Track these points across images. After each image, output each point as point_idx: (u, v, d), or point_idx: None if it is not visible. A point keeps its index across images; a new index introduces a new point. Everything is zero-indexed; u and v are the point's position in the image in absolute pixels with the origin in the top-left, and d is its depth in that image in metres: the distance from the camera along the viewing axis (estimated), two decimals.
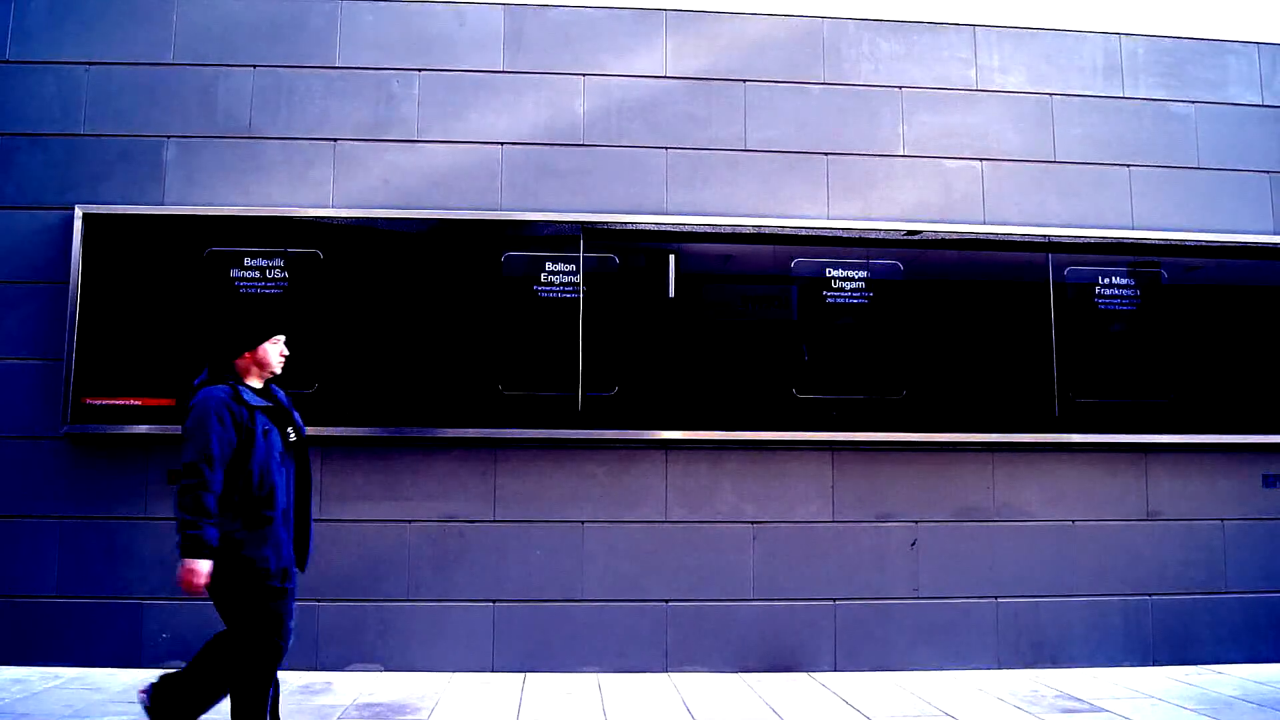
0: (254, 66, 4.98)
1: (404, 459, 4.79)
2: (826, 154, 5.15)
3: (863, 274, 5.01)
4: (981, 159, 5.23)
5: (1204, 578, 5.05)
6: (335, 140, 4.96)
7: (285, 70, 4.99)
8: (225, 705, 3.13)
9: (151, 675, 4.44)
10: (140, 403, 4.66)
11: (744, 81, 5.17)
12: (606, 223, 4.91)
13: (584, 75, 5.11)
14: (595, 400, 4.81)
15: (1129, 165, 5.29)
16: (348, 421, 4.69)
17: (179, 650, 4.62)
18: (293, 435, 3.18)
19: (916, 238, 5.05)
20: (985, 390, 4.99)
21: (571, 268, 4.88)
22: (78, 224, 4.70)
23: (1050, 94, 5.31)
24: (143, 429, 4.63)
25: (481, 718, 3.93)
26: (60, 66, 4.92)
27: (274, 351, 3.18)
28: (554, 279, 4.87)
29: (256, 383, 3.16)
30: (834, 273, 5.01)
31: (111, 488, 4.71)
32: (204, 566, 2.88)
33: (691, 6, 5.21)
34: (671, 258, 4.94)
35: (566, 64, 5.11)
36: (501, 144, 5.03)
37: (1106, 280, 5.14)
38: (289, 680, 4.44)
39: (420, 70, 5.05)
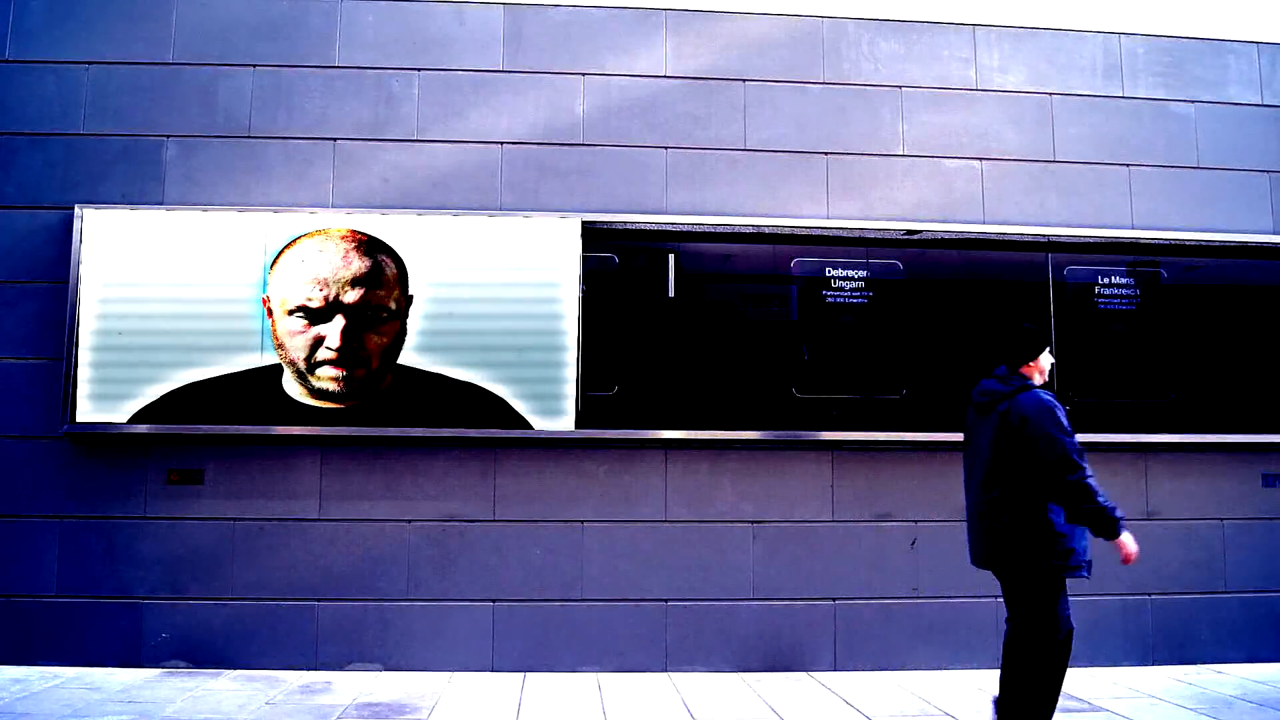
0: (253, 66, 4.98)
1: (403, 459, 4.80)
2: (826, 154, 5.15)
3: (862, 273, 5.01)
4: (981, 159, 5.22)
5: (1203, 577, 5.04)
6: (335, 140, 4.96)
7: (285, 70, 4.99)
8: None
9: (150, 674, 4.46)
10: (140, 402, 4.65)
11: (744, 81, 5.17)
12: (606, 222, 4.91)
13: (584, 75, 5.10)
14: (595, 400, 4.81)
15: (1129, 165, 5.28)
16: (348, 421, 4.69)
17: (178, 650, 4.63)
18: None
19: (916, 237, 5.05)
20: None
21: None
22: (78, 223, 4.69)
23: (1050, 94, 5.31)
24: (142, 428, 4.63)
25: (481, 717, 3.93)
26: (60, 66, 4.92)
27: (1048, 360, 3.52)
28: None
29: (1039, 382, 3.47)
30: (833, 272, 5.01)
31: (111, 487, 4.71)
32: (1128, 539, 3.22)
33: (691, 6, 5.20)
34: (671, 257, 4.94)
35: (566, 64, 5.11)
36: (501, 144, 5.02)
37: (1106, 280, 5.14)
38: (289, 679, 4.45)
39: (420, 70, 5.04)
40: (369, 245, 4.73)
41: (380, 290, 4.70)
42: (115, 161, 4.87)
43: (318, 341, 4.64)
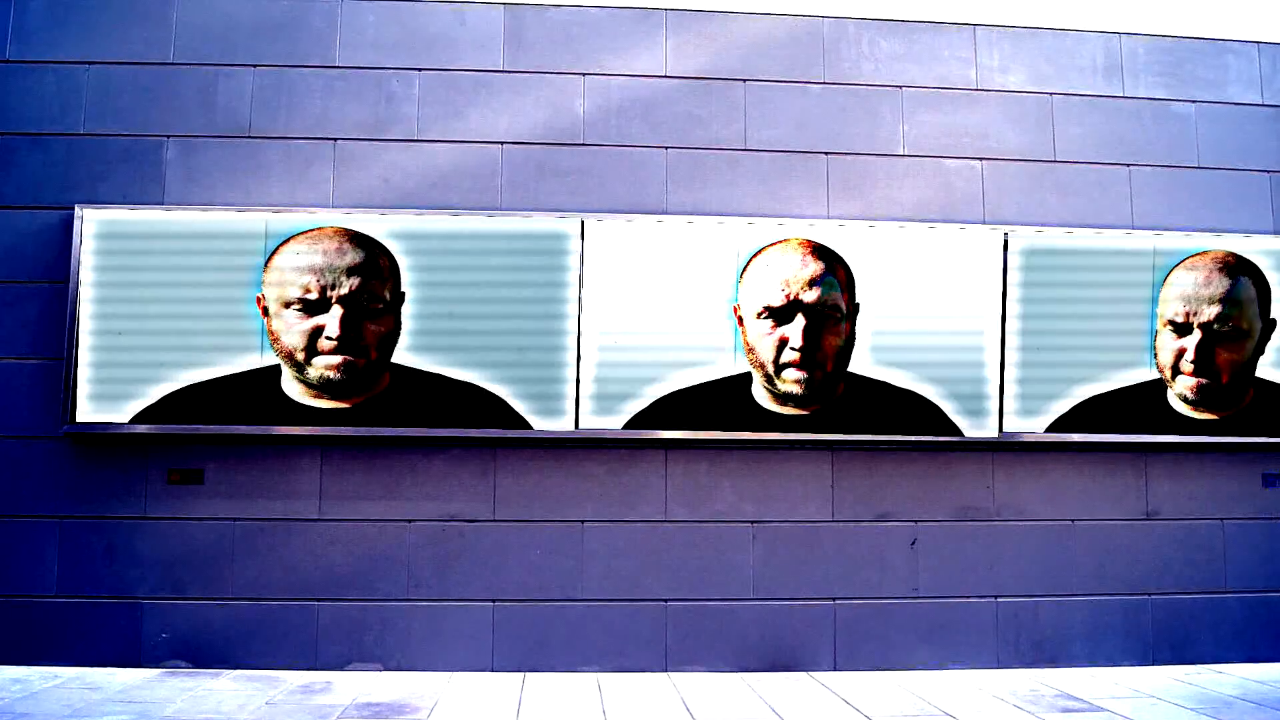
0: (254, 66, 4.98)
1: (404, 458, 4.80)
2: (826, 154, 5.15)
3: None
4: (981, 159, 5.22)
5: (1204, 578, 5.05)
6: (335, 140, 4.96)
7: (285, 70, 4.99)
8: None
9: (150, 674, 4.47)
10: (140, 402, 4.65)
11: (744, 81, 5.17)
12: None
13: (584, 75, 5.10)
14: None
15: (1129, 165, 5.28)
16: (348, 421, 4.68)
17: (178, 650, 4.63)
18: None
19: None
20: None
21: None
22: (78, 224, 4.69)
23: (1050, 94, 5.31)
24: (143, 428, 4.63)
25: (481, 717, 3.93)
26: (60, 66, 4.92)
27: None
28: None
29: None
30: None
31: (111, 487, 4.71)
32: None
33: (691, 6, 5.20)
34: None
35: (566, 63, 5.11)
36: (501, 143, 5.02)
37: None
38: (289, 679, 4.45)
39: (420, 70, 5.04)
40: (362, 239, 4.73)
41: (375, 280, 4.70)
42: (115, 161, 4.87)
43: (317, 331, 4.63)
